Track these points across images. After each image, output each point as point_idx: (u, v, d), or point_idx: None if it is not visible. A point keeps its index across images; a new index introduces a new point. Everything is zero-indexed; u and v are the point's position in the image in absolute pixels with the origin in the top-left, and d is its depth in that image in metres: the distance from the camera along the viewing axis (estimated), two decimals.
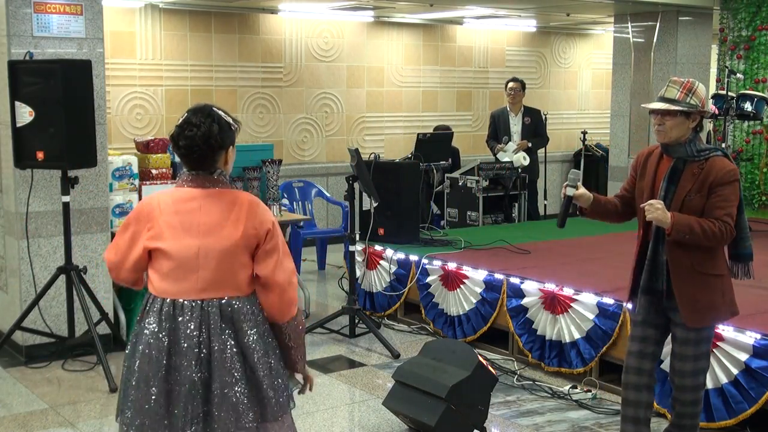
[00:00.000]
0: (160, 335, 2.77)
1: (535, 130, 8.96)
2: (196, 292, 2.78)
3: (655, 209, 3.57)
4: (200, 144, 2.80)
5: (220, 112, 2.87)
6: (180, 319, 2.77)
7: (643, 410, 3.87)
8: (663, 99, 3.67)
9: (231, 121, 2.91)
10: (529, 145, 8.83)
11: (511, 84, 8.91)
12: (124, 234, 2.89)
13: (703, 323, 3.74)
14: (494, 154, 8.95)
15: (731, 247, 3.79)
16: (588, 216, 3.94)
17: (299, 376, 3.06)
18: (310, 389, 3.11)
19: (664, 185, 3.70)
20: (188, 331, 2.75)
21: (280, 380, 2.88)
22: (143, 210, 2.86)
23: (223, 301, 2.79)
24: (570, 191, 3.81)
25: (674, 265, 3.68)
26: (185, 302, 2.78)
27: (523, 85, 8.95)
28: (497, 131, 8.98)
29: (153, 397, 2.75)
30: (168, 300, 2.79)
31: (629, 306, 4.16)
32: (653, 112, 3.69)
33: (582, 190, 3.84)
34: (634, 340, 3.88)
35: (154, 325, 2.79)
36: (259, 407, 2.82)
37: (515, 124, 8.94)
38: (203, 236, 2.78)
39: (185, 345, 2.75)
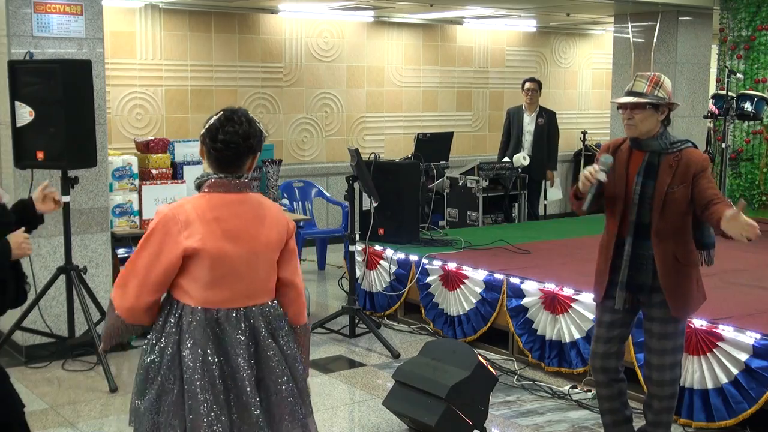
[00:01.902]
0: (210, 348, 2.71)
1: (548, 130, 9.03)
2: (242, 300, 2.76)
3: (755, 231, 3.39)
4: (240, 141, 2.77)
5: (253, 118, 2.87)
6: (227, 330, 2.73)
7: (618, 401, 3.99)
8: (631, 93, 3.69)
9: (263, 130, 2.89)
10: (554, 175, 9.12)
11: (528, 84, 8.98)
12: (146, 250, 2.71)
13: (687, 313, 3.84)
14: (502, 155, 9.01)
15: (698, 237, 3.80)
16: (577, 205, 3.82)
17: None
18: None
19: (639, 180, 3.70)
20: (236, 341, 2.73)
21: (303, 376, 2.95)
22: (175, 218, 2.70)
23: (264, 307, 2.82)
24: (603, 176, 3.67)
25: (661, 259, 3.70)
26: (230, 311, 2.74)
27: (539, 85, 9.06)
28: (510, 129, 9.06)
29: (213, 411, 2.69)
30: (212, 309, 2.73)
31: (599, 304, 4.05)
32: (621, 106, 3.71)
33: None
34: (600, 341, 3.91)
35: (201, 337, 2.70)
36: (303, 403, 2.88)
37: (529, 123, 9.00)
38: (244, 243, 2.75)
39: (235, 353, 2.72)
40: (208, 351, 2.71)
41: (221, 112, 2.83)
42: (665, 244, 3.68)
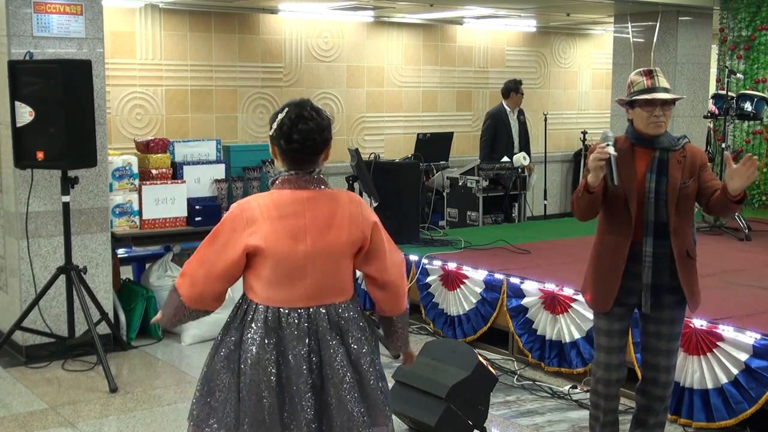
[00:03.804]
0: (268, 347, 2.67)
1: (525, 126, 9.28)
2: (304, 300, 2.70)
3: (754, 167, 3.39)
4: (316, 137, 2.69)
5: (319, 107, 2.78)
6: (287, 330, 2.68)
7: (616, 412, 3.91)
8: (661, 89, 3.57)
9: (330, 116, 2.81)
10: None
11: (521, 88, 9.14)
12: (212, 244, 2.71)
13: (697, 308, 3.77)
14: (488, 158, 8.96)
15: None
16: (588, 199, 3.59)
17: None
18: (411, 362, 3.17)
19: (652, 177, 3.58)
20: (296, 341, 2.67)
21: (385, 383, 2.85)
22: (241, 214, 2.69)
23: (331, 308, 2.73)
24: (612, 150, 3.50)
25: (678, 256, 3.61)
26: (291, 311, 2.69)
27: None
28: (498, 131, 9.03)
29: (266, 410, 2.66)
30: (273, 308, 2.70)
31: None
32: (651, 103, 3.55)
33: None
34: (613, 352, 3.76)
35: (261, 334, 2.68)
36: (371, 412, 2.76)
37: (514, 123, 9.10)
38: (310, 242, 2.68)
39: (293, 354, 2.66)
40: (266, 349, 2.67)
41: (287, 109, 2.73)
42: (680, 241, 3.62)
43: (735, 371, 4.39)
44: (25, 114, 5.14)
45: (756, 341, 4.36)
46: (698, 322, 4.54)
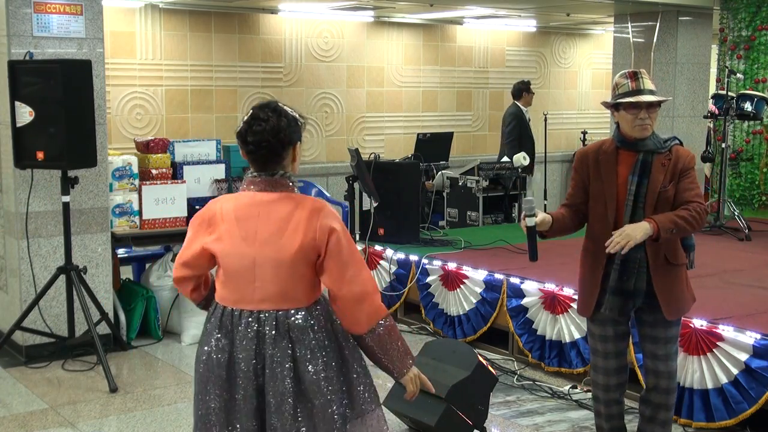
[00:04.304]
0: (220, 344, 2.71)
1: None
2: (254, 302, 2.70)
3: (626, 236, 3.41)
4: (270, 139, 2.68)
5: (286, 107, 2.76)
6: (238, 328, 2.70)
7: (622, 416, 3.88)
8: (647, 92, 3.54)
9: (298, 116, 2.78)
10: None
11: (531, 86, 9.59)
12: (187, 236, 2.85)
13: (680, 314, 3.71)
14: (509, 158, 9.11)
15: (681, 239, 3.69)
16: (549, 237, 3.71)
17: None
18: (413, 390, 2.88)
19: (634, 179, 3.55)
20: (244, 342, 2.69)
21: (336, 396, 2.73)
22: (205, 215, 2.79)
23: (280, 314, 2.69)
24: (531, 221, 3.56)
25: (653, 261, 3.57)
26: (242, 312, 2.71)
27: None
28: (521, 131, 9.43)
29: (212, 407, 2.71)
30: (228, 308, 2.73)
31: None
32: (636, 106, 3.52)
33: (541, 215, 3.62)
34: (609, 356, 3.73)
35: (216, 332, 2.73)
36: (310, 420, 2.70)
37: (528, 121, 9.60)
38: (260, 246, 2.68)
39: (242, 356, 2.68)
40: (217, 348, 2.71)
41: (249, 112, 2.76)
42: (656, 246, 3.55)
43: (735, 371, 4.39)
44: (25, 114, 5.14)
45: (756, 341, 4.36)
46: (698, 322, 4.54)
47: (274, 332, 2.68)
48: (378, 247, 6.81)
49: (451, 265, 6.18)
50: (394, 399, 4.58)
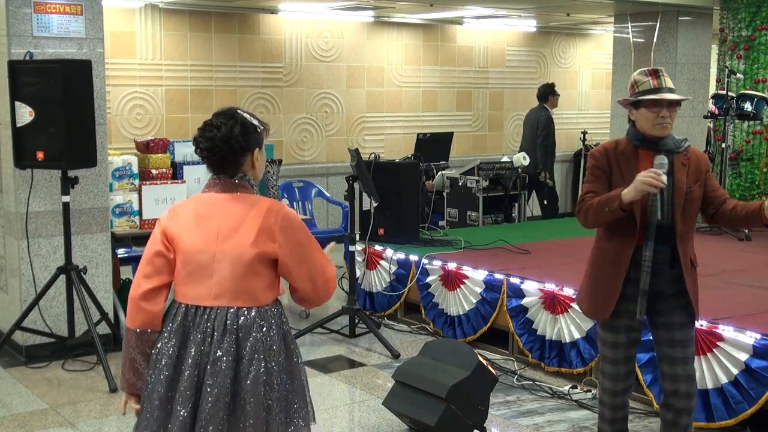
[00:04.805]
0: (170, 342, 2.73)
1: None
2: (210, 299, 2.72)
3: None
4: (220, 145, 2.74)
5: (245, 114, 2.80)
6: (191, 325, 2.73)
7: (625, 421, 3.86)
8: (669, 89, 3.49)
9: (257, 123, 2.82)
10: None
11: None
12: (146, 247, 2.85)
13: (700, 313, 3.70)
14: (546, 171, 9.45)
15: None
16: (615, 216, 3.43)
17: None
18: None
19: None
20: (195, 338, 2.71)
21: (273, 403, 2.71)
22: (167, 214, 2.85)
23: (231, 311, 2.70)
24: (665, 179, 3.35)
25: (683, 262, 3.52)
26: (198, 309, 2.73)
27: None
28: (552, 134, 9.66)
29: (155, 402, 2.73)
30: (184, 305, 2.76)
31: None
32: (658, 104, 3.47)
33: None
34: (619, 363, 3.65)
35: (169, 329, 2.75)
36: (240, 423, 2.68)
37: None
38: (218, 242, 2.72)
39: (191, 351, 2.70)
40: (169, 344, 2.73)
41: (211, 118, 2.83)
42: (685, 247, 3.51)
43: (735, 371, 4.39)
44: (25, 114, 5.14)
45: (756, 341, 4.36)
46: (698, 322, 4.54)
47: (222, 328, 2.69)
48: (378, 247, 6.81)
49: (451, 265, 6.18)
50: (394, 399, 4.59)
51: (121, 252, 6.61)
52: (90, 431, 4.58)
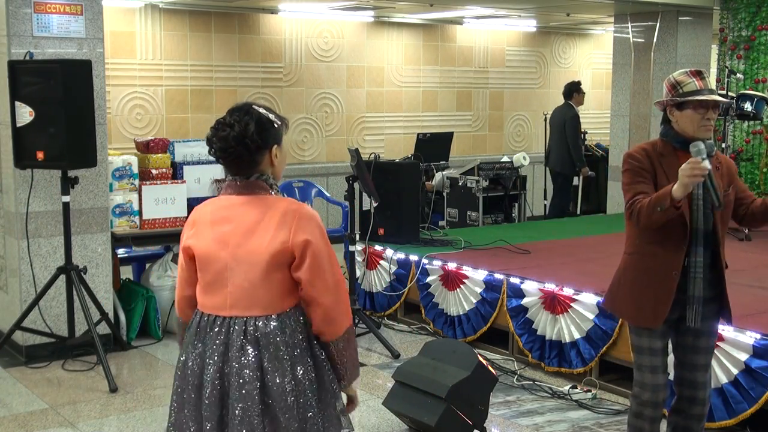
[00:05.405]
0: (194, 353, 2.65)
1: None
2: (226, 308, 2.61)
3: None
4: (234, 146, 2.57)
5: (260, 110, 2.64)
6: (210, 334, 2.63)
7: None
8: (712, 91, 3.39)
9: (273, 118, 2.66)
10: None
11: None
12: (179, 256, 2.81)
13: None
14: (579, 168, 9.44)
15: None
16: (669, 214, 3.29)
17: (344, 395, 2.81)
18: (351, 409, 2.80)
19: (699, 183, 3.28)
20: (214, 347, 2.61)
21: (305, 412, 2.62)
22: (189, 220, 2.75)
23: (249, 320, 2.59)
24: (708, 164, 3.20)
25: (721, 267, 3.45)
26: (216, 318, 2.63)
27: None
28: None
29: (185, 413, 2.66)
30: (204, 314, 2.67)
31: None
32: (703, 105, 3.36)
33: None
34: (658, 371, 3.51)
35: (191, 340, 2.67)
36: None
37: None
38: (232, 249, 2.60)
39: (210, 361, 2.61)
40: (192, 355, 2.65)
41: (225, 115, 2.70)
42: (724, 251, 3.45)
43: (735, 371, 4.40)
44: (25, 114, 5.14)
45: (756, 341, 4.36)
46: None
47: (241, 339, 2.58)
48: (378, 247, 6.81)
49: (451, 265, 6.18)
50: (394, 399, 4.59)
51: (121, 252, 6.61)
52: (90, 431, 4.58)
